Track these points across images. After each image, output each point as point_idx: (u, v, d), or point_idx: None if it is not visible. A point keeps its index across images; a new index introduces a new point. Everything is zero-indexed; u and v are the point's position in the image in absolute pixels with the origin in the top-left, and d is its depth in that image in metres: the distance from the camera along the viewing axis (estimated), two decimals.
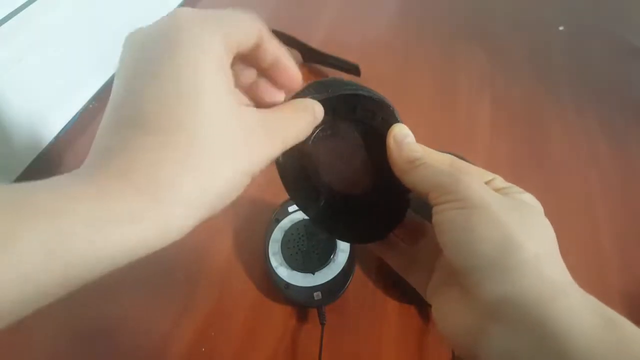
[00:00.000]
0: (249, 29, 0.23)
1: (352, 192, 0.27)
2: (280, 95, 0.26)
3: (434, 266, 0.26)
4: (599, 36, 0.69)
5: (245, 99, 0.25)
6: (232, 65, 0.23)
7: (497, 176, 0.27)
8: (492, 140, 0.52)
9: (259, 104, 0.25)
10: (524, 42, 0.67)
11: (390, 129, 0.26)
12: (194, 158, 0.19)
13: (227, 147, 0.20)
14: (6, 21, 0.41)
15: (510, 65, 0.62)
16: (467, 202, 0.22)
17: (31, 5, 0.43)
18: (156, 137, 0.18)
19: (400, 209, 0.27)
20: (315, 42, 0.58)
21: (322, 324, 0.35)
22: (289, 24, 0.60)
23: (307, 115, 0.24)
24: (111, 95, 0.20)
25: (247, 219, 0.42)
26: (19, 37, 0.41)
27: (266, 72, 0.25)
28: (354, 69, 0.55)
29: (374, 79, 0.57)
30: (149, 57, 0.20)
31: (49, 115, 0.47)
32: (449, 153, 0.28)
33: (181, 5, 0.66)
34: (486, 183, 0.26)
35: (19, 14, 0.42)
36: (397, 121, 0.26)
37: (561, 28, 0.70)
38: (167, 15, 0.20)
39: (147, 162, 0.18)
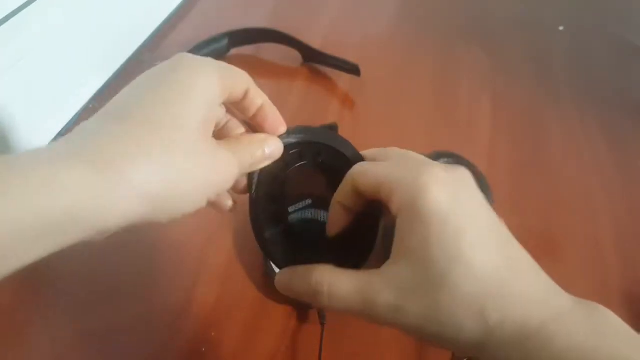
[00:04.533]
0: (240, 78, 0.26)
1: (316, 229, 0.28)
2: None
3: None
4: (600, 36, 0.69)
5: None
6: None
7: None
8: (492, 140, 0.52)
9: None
10: (524, 42, 0.67)
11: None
12: (156, 151, 0.20)
13: (191, 158, 0.21)
14: (6, 21, 0.41)
15: (511, 65, 0.62)
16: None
17: (31, 5, 0.43)
18: (127, 126, 0.20)
19: (367, 243, 0.28)
20: (315, 42, 0.58)
21: (322, 324, 0.35)
22: (289, 24, 0.60)
23: (261, 147, 0.26)
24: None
25: (247, 219, 0.42)
26: (19, 37, 0.41)
27: (253, 120, 0.27)
28: (354, 69, 0.55)
29: (374, 79, 0.57)
30: (156, 77, 0.23)
31: (48, 115, 0.47)
32: (446, 153, 0.28)
33: (181, 5, 0.66)
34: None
35: (19, 14, 0.42)
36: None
37: (561, 28, 0.70)
38: (175, 56, 0.24)
39: (107, 142, 0.19)
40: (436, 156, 0.45)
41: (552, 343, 0.19)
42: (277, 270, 0.37)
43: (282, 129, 0.28)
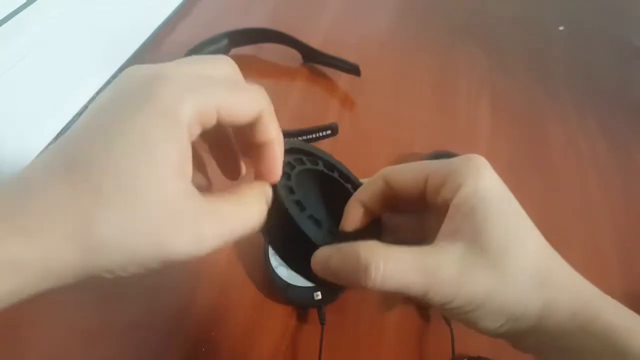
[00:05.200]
0: (245, 106, 0.21)
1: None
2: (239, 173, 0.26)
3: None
4: (599, 36, 0.69)
5: (199, 178, 0.24)
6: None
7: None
8: (492, 140, 0.52)
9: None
10: (524, 42, 0.67)
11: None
12: (111, 205, 0.17)
13: (153, 218, 0.18)
14: (6, 21, 0.41)
15: (510, 65, 0.62)
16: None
17: (31, 6, 0.43)
18: (72, 189, 0.17)
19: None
20: (315, 42, 0.58)
21: (322, 324, 0.35)
22: (289, 24, 0.60)
23: (258, 203, 0.23)
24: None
25: None
26: (19, 37, 0.41)
27: (250, 150, 0.24)
28: (354, 69, 0.55)
29: (374, 79, 0.57)
30: (122, 102, 0.19)
31: (48, 115, 0.47)
32: (445, 152, 0.28)
33: (181, 5, 0.66)
34: None
35: (19, 14, 0.42)
36: (354, 177, 0.29)
37: (561, 28, 0.70)
38: (159, 68, 0.19)
39: (49, 197, 0.17)
40: (436, 156, 0.45)
41: (599, 318, 0.21)
42: (277, 270, 0.37)
43: (277, 178, 0.24)
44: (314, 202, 0.27)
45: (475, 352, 0.35)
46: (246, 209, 0.22)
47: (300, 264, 0.25)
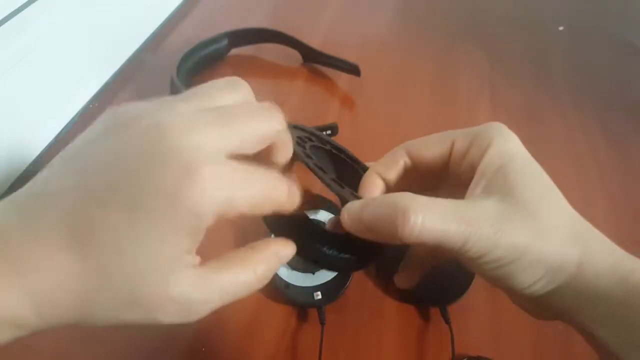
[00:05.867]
0: (268, 205, 0.21)
1: None
2: None
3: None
4: (599, 36, 0.69)
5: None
6: None
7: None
8: None
9: None
10: (524, 42, 0.67)
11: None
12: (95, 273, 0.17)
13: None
14: (7, 21, 0.41)
15: (510, 65, 0.62)
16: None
17: (31, 5, 0.43)
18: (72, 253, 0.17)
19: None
20: (315, 42, 0.58)
21: (322, 324, 0.35)
22: (289, 24, 0.60)
23: (266, 265, 0.22)
24: (76, 147, 0.19)
25: (247, 219, 0.42)
26: (19, 37, 0.41)
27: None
28: (354, 69, 0.55)
29: (374, 79, 0.57)
30: (141, 194, 0.17)
31: (48, 115, 0.47)
32: None
33: (181, 5, 0.66)
34: None
35: (19, 14, 0.42)
36: (361, 161, 0.30)
37: (561, 28, 0.70)
38: (190, 156, 0.17)
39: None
40: None
41: (634, 273, 0.21)
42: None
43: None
44: (331, 172, 0.27)
45: (475, 352, 0.35)
46: (251, 273, 0.22)
47: (320, 233, 0.24)
